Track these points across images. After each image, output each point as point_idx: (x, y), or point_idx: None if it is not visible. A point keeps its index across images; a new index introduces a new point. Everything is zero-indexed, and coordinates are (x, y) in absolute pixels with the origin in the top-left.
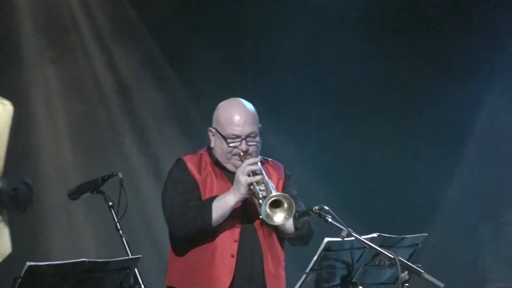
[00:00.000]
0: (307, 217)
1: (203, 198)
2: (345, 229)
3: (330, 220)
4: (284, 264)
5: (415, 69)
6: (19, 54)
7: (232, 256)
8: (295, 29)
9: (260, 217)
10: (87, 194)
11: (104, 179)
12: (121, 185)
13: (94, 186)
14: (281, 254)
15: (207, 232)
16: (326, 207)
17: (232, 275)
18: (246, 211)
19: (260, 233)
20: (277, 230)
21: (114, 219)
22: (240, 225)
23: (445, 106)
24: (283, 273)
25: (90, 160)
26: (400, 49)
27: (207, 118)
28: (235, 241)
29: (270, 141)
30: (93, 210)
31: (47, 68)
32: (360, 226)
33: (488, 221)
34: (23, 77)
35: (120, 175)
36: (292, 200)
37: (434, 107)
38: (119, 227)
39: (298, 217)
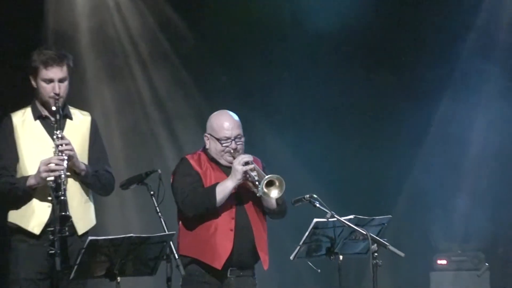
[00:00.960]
0: (300, 203)
1: (205, 186)
2: (329, 212)
3: (317, 205)
4: (266, 233)
5: (385, 86)
6: (83, 77)
7: (231, 230)
8: (297, 58)
9: (259, 194)
10: (134, 185)
11: (147, 174)
12: (160, 179)
13: (139, 179)
14: (265, 227)
15: (212, 211)
16: (315, 196)
17: (232, 243)
18: (239, 196)
19: (250, 212)
20: (263, 208)
21: (154, 204)
22: (235, 207)
23: (407, 115)
24: (266, 238)
25: (136, 159)
26: (377, 73)
27: None
28: (232, 218)
29: (272, 141)
30: (138, 198)
31: (103, 87)
32: (340, 209)
33: (438, 205)
34: (87, 94)
35: (159, 171)
36: (282, 178)
37: (400, 116)
38: (158, 210)
39: (293, 203)
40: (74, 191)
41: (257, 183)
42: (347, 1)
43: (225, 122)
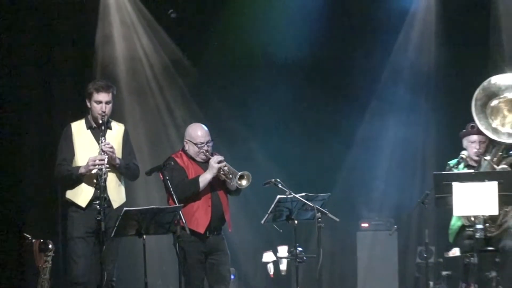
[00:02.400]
0: (268, 185)
1: (189, 177)
2: (287, 191)
3: (280, 186)
4: (229, 207)
5: (331, 97)
6: (119, 97)
7: (209, 206)
8: (269, 81)
9: (232, 183)
10: (155, 172)
11: (165, 164)
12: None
13: (158, 169)
14: (228, 202)
15: (195, 194)
16: (278, 179)
17: (210, 216)
18: (212, 183)
19: (220, 194)
20: (227, 190)
21: (169, 185)
22: (210, 190)
23: (343, 122)
24: (229, 210)
25: (156, 154)
26: (325, 88)
27: (218, 131)
28: (209, 199)
29: (249, 142)
30: (157, 181)
31: (134, 104)
32: (295, 188)
33: (363, 185)
34: (123, 109)
35: (172, 163)
36: (249, 173)
37: (338, 124)
38: (171, 189)
39: (264, 184)
40: (111, 178)
41: (230, 175)
42: (301, 38)
43: (199, 132)
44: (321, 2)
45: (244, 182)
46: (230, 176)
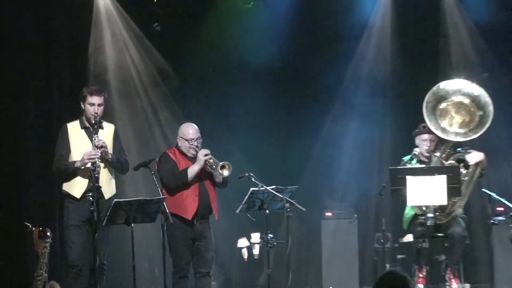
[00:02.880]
0: (242, 178)
1: (179, 169)
2: (260, 184)
3: (253, 179)
4: (216, 197)
5: (297, 100)
6: (110, 100)
7: (196, 195)
8: (244, 87)
9: (215, 173)
10: (142, 168)
11: (150, 161)
12: (157, 164)
13: (145, 164)
14: (215, 193)
15: (184, 184)
16: (252, 173)
17: (197, 204)
18: (200, 175)
19: (207, 184)
20: (215, 181)
21: (154, 179)
22: (198, 181)
23: (312, 118)
24: (216, 200)
25: (143, 151)
26: (294, 92)
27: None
28: (197, 188)
29: (225, 139)
30: (144, 175)
31: (123, 106)
32: (267, 181)
33: (327, 177)
34: (113, 111)
35: (157, 159)
36: (230, 164)
37: (310, 119)
38: (156, 183)
39: (239, 178)
40: (103, 173)
41: (214, 166)
42: (273, 47)
43: (190, 130)
44: (291, 14)
45: (225, 172)
46: (214, 167)
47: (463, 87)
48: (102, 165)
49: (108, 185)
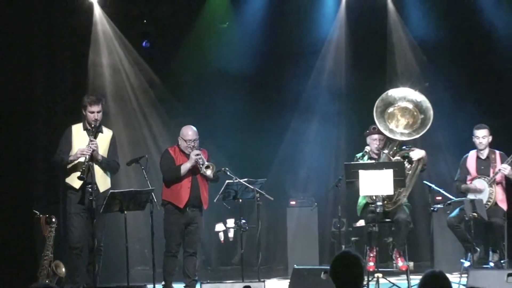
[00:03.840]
0: (219, 172)
1: (176, 164)
2: (234, 177)
3: (228, 173)
4: (207, 189)
5: (266, 104)
6: (107, 106)
7: (188, 187)
8: (221, 91)
9: (202, 172)
10: (133, 163)
11: (140, 158)
12: (146, 160)
13: (136, 160)
14: (206, 186)
15: (179, 178)
16: (227, 168)
17: (188, 194)
18: (193, 170)
19: (198, 178)
20: (206, 177)
21: (144, 174)
22: (191, 176)
23: (279, 120)
24: (206, 192)
25: (134, 150)
26: (264, 97)
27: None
28: (189, 181)
29: (208, 139)
30: (136, 170)
31: (118, 112)
32: (241, 173)
33: (292, 172)
34: (109, 115)
35: (146, 156)
36: (214, 164)
37: (277, 121)
38: (145, 177)
39: (217, 172)
40: (98, 170)
41: (202, 165)
42: (247, 59)
43: (190, 131)
44: (261, 32)
45: (208, 171)
46: (201, 165)
47: (408, 94)
48: (96, 165)
49: (103, 180)
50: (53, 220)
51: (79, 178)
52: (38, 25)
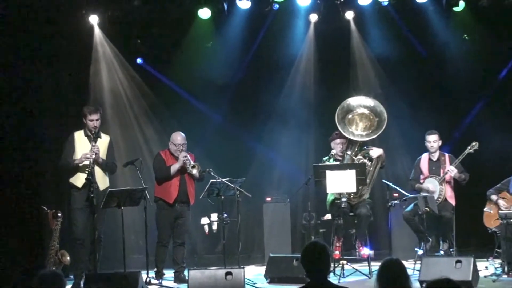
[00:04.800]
0: (204, 172)
1: (166, 166)
2: (217, 177)
3: (212, 173)
4: (194, 187)
5: (246, 111)
6: (105, 115)
7: (177, 185)
8: (206, 98)
9: (188, 171)
10: (129, 165)
11: (135, 160)
12: (141, 162)
13: (132, 162)
14: (193, 184)
15: (169, 177)
16: (211, 169)
17: (177, 191)
18: (182, 171)
19: (186, 177)
20: (193, 177)
21: (138, 173)
22: (179, 175)
23: (256, 126)
24: (193, 189)
25: (130, 153)
26: (244, 105)
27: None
28: (178, 180)
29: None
30: (131, 171)
31: (114, 119)
32: (223, 173)
33: (267, 172)
34: (108, 122)
35: (140, 158)
36: (199, 164)
37: (255, 126)
38: (140, 177)
39: (202, 173)
40: (98, 170)
41: (189, 165)
42: (231, 70)
43: (179, 137)
44: (241, 49)
45: (194, 171)
46: (188, 165)
47: (363, 102)
48: (97, 167)
49: (102, 180)
50: (59, 215)
51: (86, 179)
52: (46, 44)
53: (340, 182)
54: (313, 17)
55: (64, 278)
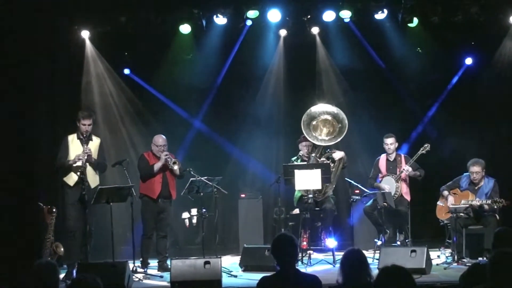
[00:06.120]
0: (185, 171)
1: (150, 165)
2: (196, 175)
3: (192, 172)
4: (175, 183)
5: (223, 115)
6: (97, 119)
7: (160, 182)
8: (190, 102)
9: (170, 167)
10: (117, 165)
11: (123, 160)
12: (128, 163)
13: (119, 162)
14: (175, 181)
15: (152, 175)
16: (191, 168)
17: (160, 188)
18: (164, 169)
19: (168, 175)
20: (174, 173)
21: (125, 173)
22: (162, 173)
23: (232, 130)
24: (174, 185)
25: (117, 153)
26: (222, 110)
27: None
28: (161, 177)
29: (174, 145)
30: (119, 171)
31: (104, 123)
32: (201, 173)
33: (241, 171)
34: (99, 125)
35: (127, 159)
36: (179, 160)
37: (230, 130)
38: (127, 176)
39: (183, 171)
40: (89, 170)
41: (171, 163)
42: (211, 77)
43: (160, 139)
44: (219, 60)
45: (176, 166)
46: (169, 163)
47: (326, 109)
48: (89, 167)
49: (93, 178)
50: (54, 210)
51: (79, 178)
52: (42, 56)
53: (307, 180)
54: (283, 32)
55: (58, 267)
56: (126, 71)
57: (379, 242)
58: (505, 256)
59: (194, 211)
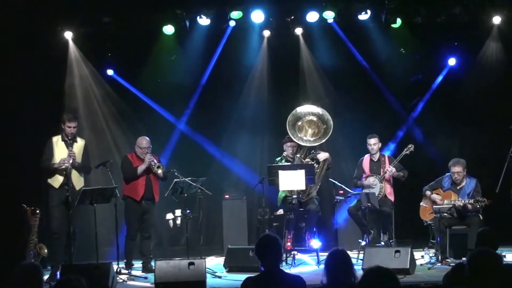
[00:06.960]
0: (168, 172)
1: (134, 167)
2: (181, 176)
3: (176, 173)
4: (158, 185)
5: (208, 116)
6: (81, 121)
7: (143, 184)
8: (180, 101)
9: (154, 171)
10: (101, 166)
11: (106, 161)
12: (111, 164)
13: (103, 164)
14: (158, 183)
15: (136, 177)
16: (175, 170)
17: (143, 190)
18: (148, 171)
19: (151, 177)
20: (158, 176)
21: (109, 174)
22: (145, 175)
23: (217, 132)
24: (158, 187)
25: (101, 155)
26: (207, 110)
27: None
28: (144, 180)
29: (159, 146)
30: (103, 172)
31: (89, 125)
32: (185, 173)
33: (226, 172)
34: (83, 127)
35: (111, 160)
36: (163, 165)
37: (215, 132)
38: (111, 177)
39: (166, 173)
40: (74, 172)
41: (154, 166)
42: (191, 81)
43: (144, 141)
44: (200, 63)
45: (159, 170)
46: (153, 166)
47: (312, 110)
48: (74, 169)
49: (78, 181)
50: (37, 211)
51: (64, 180)
52: (25, 56)
53: (291, 181)
54: (266, 33)
55: (42, 269)
56: (110, 72)
57: (363, 243)
58: (481, 256)
59: (178, 212)
